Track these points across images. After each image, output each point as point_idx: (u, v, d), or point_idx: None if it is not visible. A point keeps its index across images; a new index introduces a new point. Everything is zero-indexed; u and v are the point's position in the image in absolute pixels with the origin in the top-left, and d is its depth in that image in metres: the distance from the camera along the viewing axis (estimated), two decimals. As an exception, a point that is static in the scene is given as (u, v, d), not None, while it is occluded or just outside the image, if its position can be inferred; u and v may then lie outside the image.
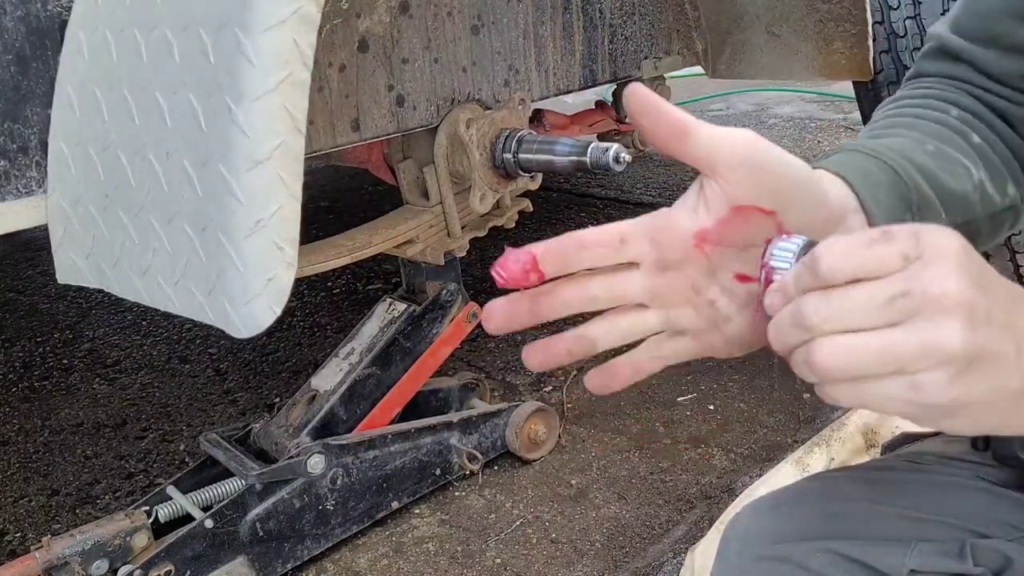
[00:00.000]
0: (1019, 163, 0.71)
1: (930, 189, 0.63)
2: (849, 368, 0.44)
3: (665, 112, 0.51)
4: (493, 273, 0.53)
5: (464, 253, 1.77)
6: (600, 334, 0.56)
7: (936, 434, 0.83)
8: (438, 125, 1.69)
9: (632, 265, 0.55)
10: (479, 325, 1.83)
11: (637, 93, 0.51)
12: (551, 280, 0.54)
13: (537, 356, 0.55)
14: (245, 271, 1.11)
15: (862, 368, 0.44)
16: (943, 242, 0.44)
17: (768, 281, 0.51)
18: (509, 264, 0.53)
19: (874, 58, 1.94)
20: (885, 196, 0.59)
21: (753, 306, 0.54)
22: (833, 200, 0.56)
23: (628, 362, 0.57)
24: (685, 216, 0.54)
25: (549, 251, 0.53)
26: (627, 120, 2.66)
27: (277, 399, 2.17)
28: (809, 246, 0.49)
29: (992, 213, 0.68)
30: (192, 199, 1.14)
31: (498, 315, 0.54)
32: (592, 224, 0.54)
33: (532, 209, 1.87)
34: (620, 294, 0.55)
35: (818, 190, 0.55)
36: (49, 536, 1.40)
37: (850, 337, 0.44)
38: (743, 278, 0.54)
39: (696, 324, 0.56)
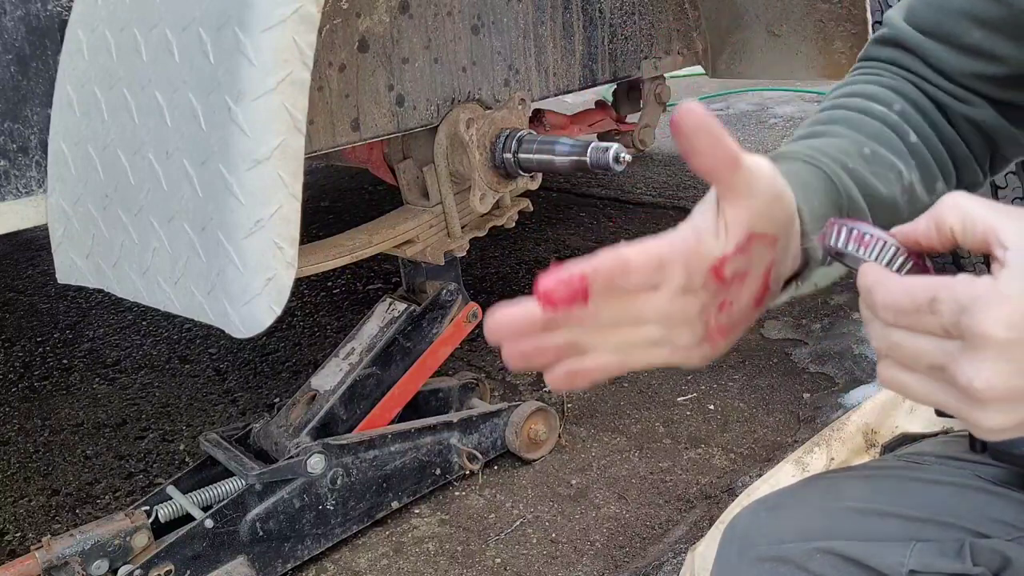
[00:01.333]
0: (952, 157, 0.73)
1: (860, 195, 0.65)
2: (901, 391, 0.50)
3: (723, 140, 0.50)
4: (537, 298, 0.49)
5: (464, 253, 1.77)
6: (596, 343, 0.54)
7: (935, 434, 0.83)
8: (438, 125, 1.69)
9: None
10: (479, 325, 1.83)
11: (696, 113, 0.48)
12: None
13: (519, 364, 0.56)
14: (245, 271, 1.11)
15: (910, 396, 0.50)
16: (984, 329, 0.44)
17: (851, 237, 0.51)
18: (558, 288, 0.49)
19: (874, 58, 1.93)
20: (819, 204, 0.61)
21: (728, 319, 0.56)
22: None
23: (597, 366, 0.55)
24: (711, 240, 0.53)
25: (598, 273, 0.50)
26: (627, 119, 2.66)
27: (277, 399, 2.17)
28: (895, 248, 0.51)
29: (920, 211, 0.69)
30: (192, 198, 1.14)
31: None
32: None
33: (532, 209, 1.87)
34: (637, 316, 0.54)
35: (794, 212, 0.58)
36: (49, 536, 1.40)
37: (902, 374, 0.49)
38: (725, 304, 0.56)
39: (688, 342, 0.56)
